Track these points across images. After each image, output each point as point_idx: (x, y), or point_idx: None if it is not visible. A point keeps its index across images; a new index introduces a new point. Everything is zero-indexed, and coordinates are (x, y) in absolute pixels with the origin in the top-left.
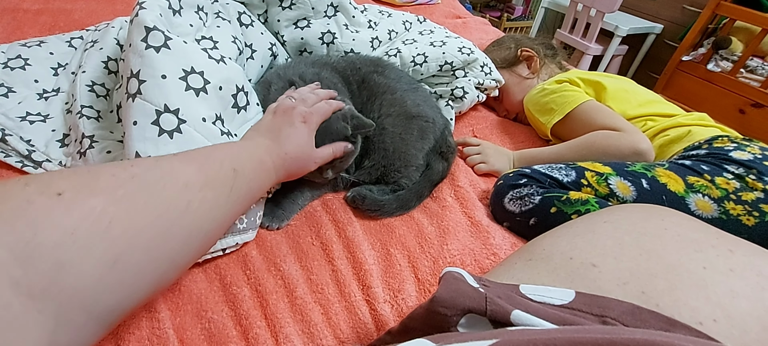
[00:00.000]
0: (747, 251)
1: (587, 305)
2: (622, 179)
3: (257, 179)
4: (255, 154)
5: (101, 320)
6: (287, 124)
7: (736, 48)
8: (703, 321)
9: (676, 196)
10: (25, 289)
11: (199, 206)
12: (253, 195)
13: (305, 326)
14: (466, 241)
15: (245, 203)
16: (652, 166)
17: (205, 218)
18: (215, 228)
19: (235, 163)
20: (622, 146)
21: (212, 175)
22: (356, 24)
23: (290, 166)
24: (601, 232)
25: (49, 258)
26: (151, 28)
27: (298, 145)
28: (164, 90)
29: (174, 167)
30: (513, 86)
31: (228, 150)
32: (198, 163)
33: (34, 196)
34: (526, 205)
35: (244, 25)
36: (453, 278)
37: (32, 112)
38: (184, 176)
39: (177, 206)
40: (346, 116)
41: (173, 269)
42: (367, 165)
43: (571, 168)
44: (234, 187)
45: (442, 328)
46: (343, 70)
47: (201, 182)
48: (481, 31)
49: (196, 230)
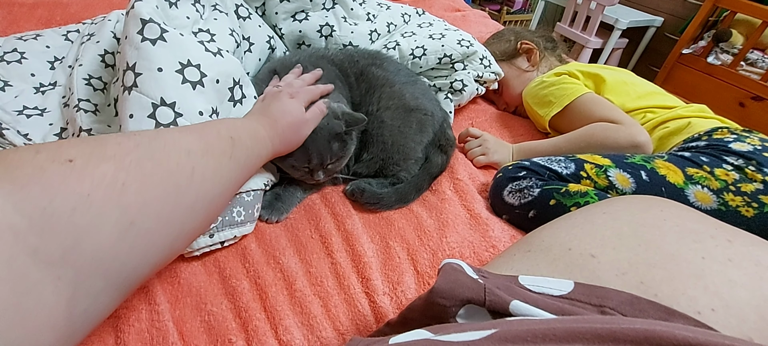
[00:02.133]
0: (745, 241)
1: (586, 295)
2: (621, 170)
3: (255, 148)
4: (250, 125)
5: (118, 286)
6: (275, 100)
7: (737, 41)
8: (701, 310)
9: (676, 187)
10: (44, 256)
11: (203, 172)
12: (252, 163)
13: (305, 319)
14: (465, 233)
15: (245, 171)
16: (652, 158)
17: (210, 184)
18: (219, 194)
19: (232, 132)
20: (621, 139)
21: (212, 143)
22: (355, 16)
23: (284, 134)
24: (599, 223)
25: (67, 224)
26: (147, 20)
27: (287, 112)
28: (160, 83)
29: (175, 136)
30: (512, 79)
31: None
32: (197, 133)
33: (46, 163)
34: (525, 197)
35: (242, 17)
36: (452, 269)
37: (29, 106)
38: (186, 144)
39: (182, 171)
40: (337, 113)
41: (183, 236)
42: (365, 158)
43: (570, 160)
44: (233, 154)
45: (442, 319)
46: (342, 63)
47: (201, 149)
48: (481, 24)
49: (202, 195)
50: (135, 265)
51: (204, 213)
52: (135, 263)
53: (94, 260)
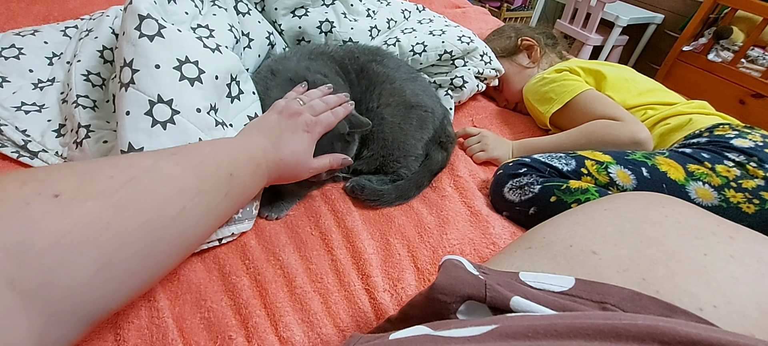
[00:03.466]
0: (747, 238)
1: (587, 291)
2: (622, 167)
3: (252, 182)
4: (252, 156)
5: (88, 319)
6: (290, 129)
7: (737, 38)
8: (703, 307)
9: (677, 184)
10: (19, 287)
11: (192, 210)
12: (246, 197)
13: (305, 315)
14: (466, 230)
15: (238, 205)
16: (653, 155)
17: (197, 222)
18: (206, 230)
19: (232, 168)
20: (621, 136)
21: (208, 180)
22: (354, 13)
23: (283, 172)
24: (601, 219)
25: (42, 260)
26: (145, 16)
27: (295, 153)
28: (158, 80)
29: (171, 172)
30: (513, 76)
31: (226, 152)
32: (195, 169)
33: (31, 196)
34: (525, 194)
35: (241, 13)
36: (452, 265)
37: (27, 102)
38: (180, 182)
39: (170, 211)
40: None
41: (159, 272)
42: (366, 155)
43: (570, 157)
44: (228, 192)
45: (442, 315)
46: (342, 59)
47: (196, 187)
48: (481, 20)
49: (187, 233)
50: (107, 300)
51: (186, 247)
52: (107, 299)
53: (67, 295)
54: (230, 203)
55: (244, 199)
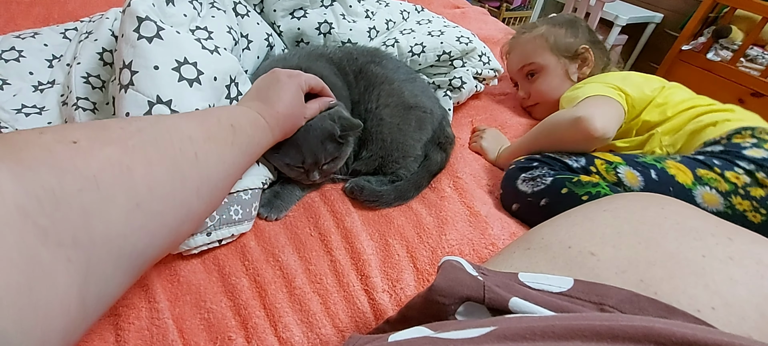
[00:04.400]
0: (746, 240)
1: (585, 292)
2: (631, 168)
3: (256, 136)
4: (250, 113)
5: (128, 268)
6: (274, 82)
7: (737, 37)
8: (701, 309)
9: (684, 187)
10: (54, 238)
11: (206, 156)
12: (253, 151)
13: (304, 316)
14: (465, 231)
15: (247, 157)
16: (663, 158)
17: (213, 169)
18: (223, 179)
19: (233, 120)
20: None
21: (213, 130)
22: (353, 14)
23: (284, 124)
24: (599, 221)
25: (75, 206)
26: (143, 18)
27: (287, 103)
28: (157, 81)
29: (176, 123)
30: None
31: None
32: (198, 120)
33: (52, 144)
34: (538, 185)
35: (240, 15)
36: (451, 266)
37: (28, 105)
38: (187, 130)
39: (186, 156)
40: (334, 116)
41: (190, 219)
42: (365, 156)
43: (581, 154)
44: (235, 141)
45: (441, 316)
46: (340, 60)
47: (203, 135)
48: (480, 21)
49: (206, 179)
50: (144, 246)
51: (209, 197)
52: (144, 245)
53: (104, 242)
54: (241, 153)
55: (251, 152)
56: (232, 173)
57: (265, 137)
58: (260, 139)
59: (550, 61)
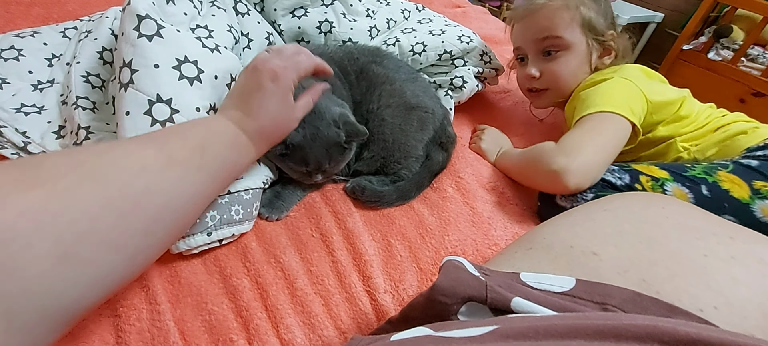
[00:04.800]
0: (748, 239)
1: (588, 292)
2: (679, 185)
3: (230, 156)
4: (227, 130)
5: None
6: (256, 88)
7: (738, 36)
8: (703, 308)
9: (740, 203)
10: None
11: (159, 188)
12: (227, 172)
13: (306, 317)
14: (467, 231)
15: (219, 181)
16: (714, 169)
17: (168, 201)
18: (184, 210)
19: (203, 141)
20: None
21: (175, 153)
22: (354, 13)
23: (269, 137)
24: (601, 220)
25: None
26: (144, 16)
27: (272, 114)
28: (157, 79)
29: (129, 151)
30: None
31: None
32: (158, 144)
33: None
34: (577, 201)
35: (240, 13)
36: (453, 266)
37: (27, 104)
38: (141, 159)
39: (134, 190)
40: (339, 122)
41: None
42: (366, 156)
43: (624, 171)
44: (201, 165)
45: (443, 316)
46: (341, 60)
47: (161, 162)
48: (481, 20)
49: (159, 214)
50: (74, 297)
51: (163, 231)
52: (73, 296)
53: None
54: (208, 177)
55: (228, 171)
56: (196, 202)
57: (245, 155)
58: (238, 158)
59: (578, 39)
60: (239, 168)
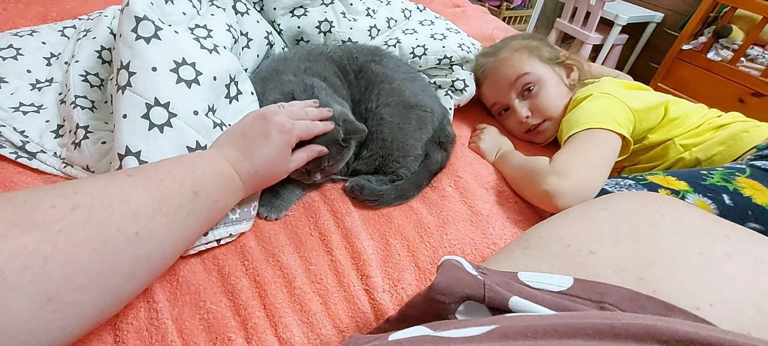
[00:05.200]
0: (743, 237)
1: (585, 291)
2: (700, 196)
3: (223, 198)
4: (223, 172)
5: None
6: (262, 135)
7: (737, 36)
8: (699, 306)
9: (765, 210)
10: None
11: (150, 234)
12: (217, 214)
13: (304, 316)
14: (466, 230)
15: (205, 225)
16: (733, 175)
17: (156, 246)
18: (169, 253)
19: (197, 185)
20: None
21: (169, 198)
22: (354, 12)
23: (259, 182)
24: (598, 219)
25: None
26: (142, 17)
27: (268, 161)
28: (155, 82)
29: (125, 194)
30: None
31: (190, 168)
32: (153, 188)
33: None
34: None
35: (240, 13)
36: (451, 265)
37: (25, 103)
38: (135, 204)
39: (123, 236)
40: (339, 119)
41: (115, 303)
42: (365, 155)
43: (642, 184)
44: (192, 211)
45: (441, 315)
46: (340, 59)
47: (154, 208)
48: (480, 20)
49: (144, 260)
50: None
51: (146, 275)
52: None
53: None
54: (196, 222)
55: (215, 215)
56: (182, 245)
57: (234, 198)
58: (228, 201)
59: (543, 70)
60: (226, 211)
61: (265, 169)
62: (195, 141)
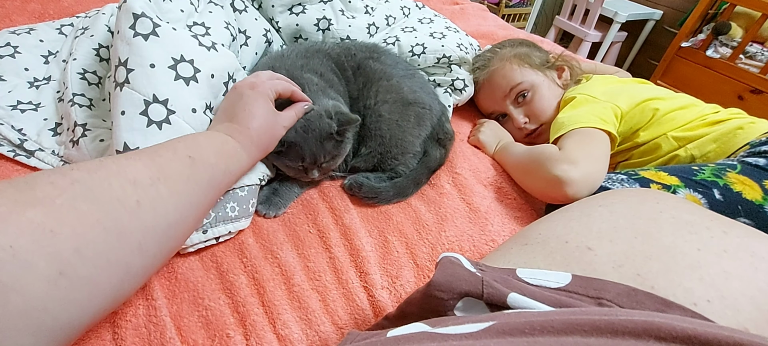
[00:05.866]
0: (740, 233)
1: (583, 287)
2: (691, 191)
3: (220, 164)
4: (215, 136)
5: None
6: (237, 99)
7: (736, 34)
8: (697, 302)
9: (754, 205)
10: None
11: (152, 203)
12: (218, 182)
13: (303, 313)
14: (465, 227)
15: (211, 190)
16: (723, 171)
17: (161, 215)
18: (177, 223)
19: (191, 151)
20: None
21: (165, 166)
22: (352, 9)
23: (258, 140)
24: (596, 216)
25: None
26: (139, 14)
27: (256, 115)
28: (153, 79)
29: (120, 165)
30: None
31: (184, 139)
32: (148, 158)
33: None
34: None
35: (238, 10)
36: (450, 262)
37: (23, 101)
38: (132, 173)
39: (125, 206)
40: (331, 113)
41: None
42: (363, 152)
43: (634, 179)
44: (191, 176)
45: (439, 312)
46: (338, 56)
47: (151, 176)
48: (479, 17)
49: (152, 229)
50: (70, 316)
51: (157, 247)
52: (70, 314)
53: (21, 315)
54: (200, 188)
55: (220, 182)
56: (191, 213)
57: (237, 162)
58: (230, 165)
59: (534, 76)
60: (231, 176)
61: (255, 124)
62: None
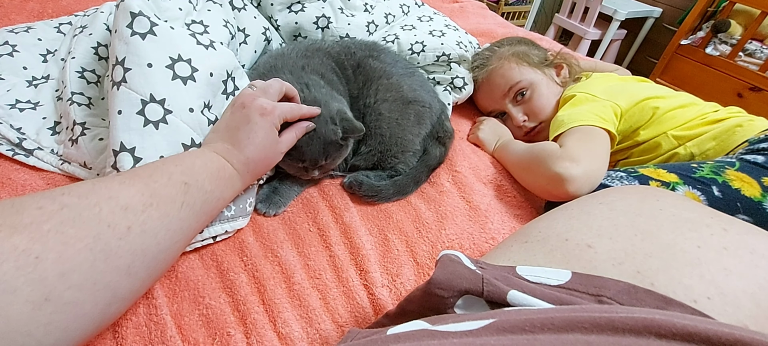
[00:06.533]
0: (740, 230)
1: (583, 284)
2: (690, 187)
3: (217, 188)
4: (212, 162)
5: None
6: (244, 122)
7: (735, 31)
8: (697, 299)
9: (752, 202)
10: None
11: (143, 228)
12: (211, 207)
13: (303, 311)
14: (464, 225)
15: (203, 216)
16: (721, 168)
17: (151, 240)
18: (166, 248)
19: (187, 176)
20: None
21: (159, 191)
22: (352, 7)
23: (254, 169)
24: (596, 213)
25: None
26: (137, 13)
27: (258, 145)
28: (150, 79)
29: (112, 190)
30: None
31: (180, 161)
32: (142, 182)
33: None
34: None
35: (237, 8)
36: (450, 260)
37: (22, 100)
38: (124, 199)
39: (115, 232)
40: (336, 118)
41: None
42: (363, 151)
43: (633, 177)
44: (185, 201)
45: (439, 310)
46: (338, 55)
47: (144, 202)
48: (479, 15)
49: (141, 254)
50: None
51: (146, 271)
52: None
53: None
54: (192, 214)
55: (213, 206)
56: (180, 238)
57: (230, 188)
58: (223, 192)
59: (533, 74)
60: (224, 202)
61: (256, 153)
62: (190, 138)
